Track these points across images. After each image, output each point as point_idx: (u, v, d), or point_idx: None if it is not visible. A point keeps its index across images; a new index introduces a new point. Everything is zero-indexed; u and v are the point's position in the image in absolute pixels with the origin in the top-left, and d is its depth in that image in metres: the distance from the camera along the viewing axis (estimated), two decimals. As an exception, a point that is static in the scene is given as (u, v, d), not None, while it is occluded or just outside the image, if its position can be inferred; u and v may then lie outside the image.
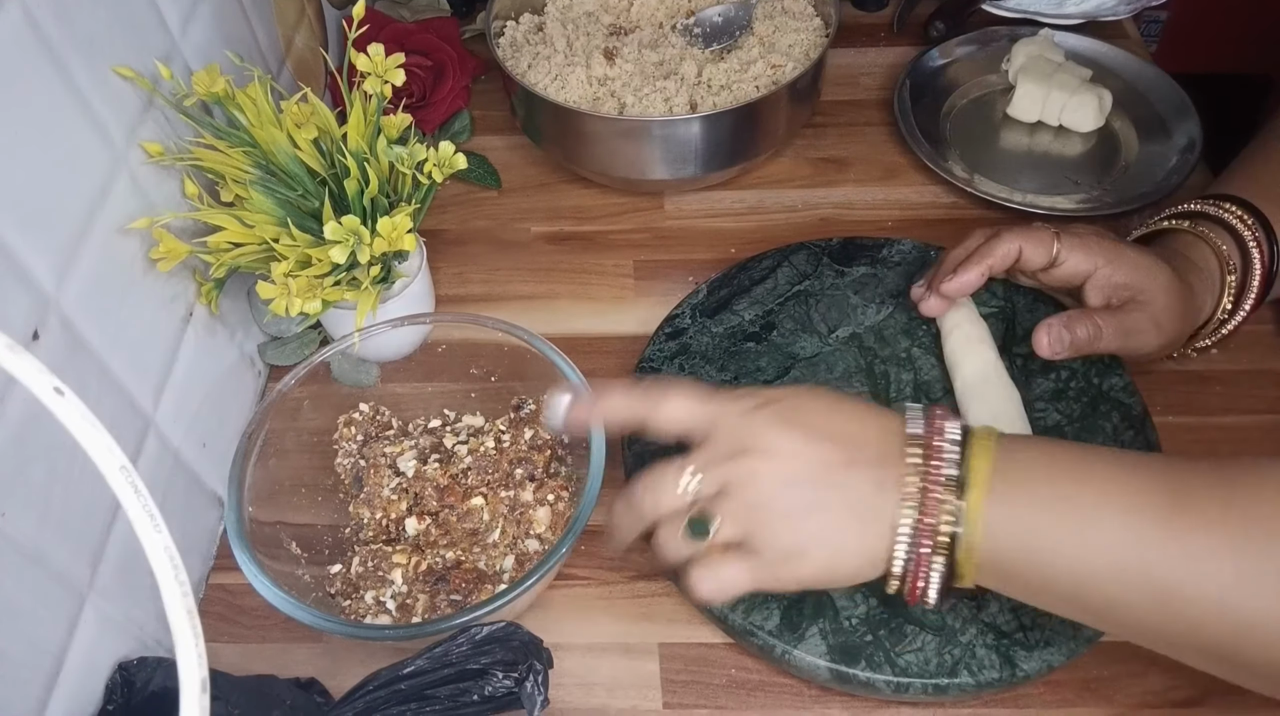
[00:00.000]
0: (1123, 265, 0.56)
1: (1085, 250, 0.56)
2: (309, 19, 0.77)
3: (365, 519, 0.57)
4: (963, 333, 0.60)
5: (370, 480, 0.57)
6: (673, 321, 0.65)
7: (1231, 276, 0.58)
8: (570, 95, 0.73)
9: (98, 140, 0.49)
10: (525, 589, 0.47)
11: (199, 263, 0.58)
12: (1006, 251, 0.57)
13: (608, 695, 0.53)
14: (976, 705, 0.52)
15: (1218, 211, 0.58)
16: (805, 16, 0.79)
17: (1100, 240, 0.57)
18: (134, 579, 0.50)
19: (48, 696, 0.43)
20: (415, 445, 0.58)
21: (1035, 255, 0.57)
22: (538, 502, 0.55)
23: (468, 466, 0.57)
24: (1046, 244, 0.57)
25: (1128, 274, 0.56)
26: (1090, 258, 0.56)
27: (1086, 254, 0.56)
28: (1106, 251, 0.56)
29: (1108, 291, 0.57)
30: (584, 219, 0.77)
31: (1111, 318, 0.56)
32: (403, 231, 0.57)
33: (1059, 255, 0.57)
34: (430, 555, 0.55)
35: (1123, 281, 0.56)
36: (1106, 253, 0.56)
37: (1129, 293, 0.56)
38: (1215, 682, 0.51)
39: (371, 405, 0.61)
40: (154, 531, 0.28)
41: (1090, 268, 0.56)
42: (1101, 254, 0.56)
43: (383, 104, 0.59)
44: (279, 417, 0.56)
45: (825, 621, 0.51)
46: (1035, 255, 0.57)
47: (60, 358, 0.46)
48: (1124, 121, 0.78)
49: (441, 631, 0.46)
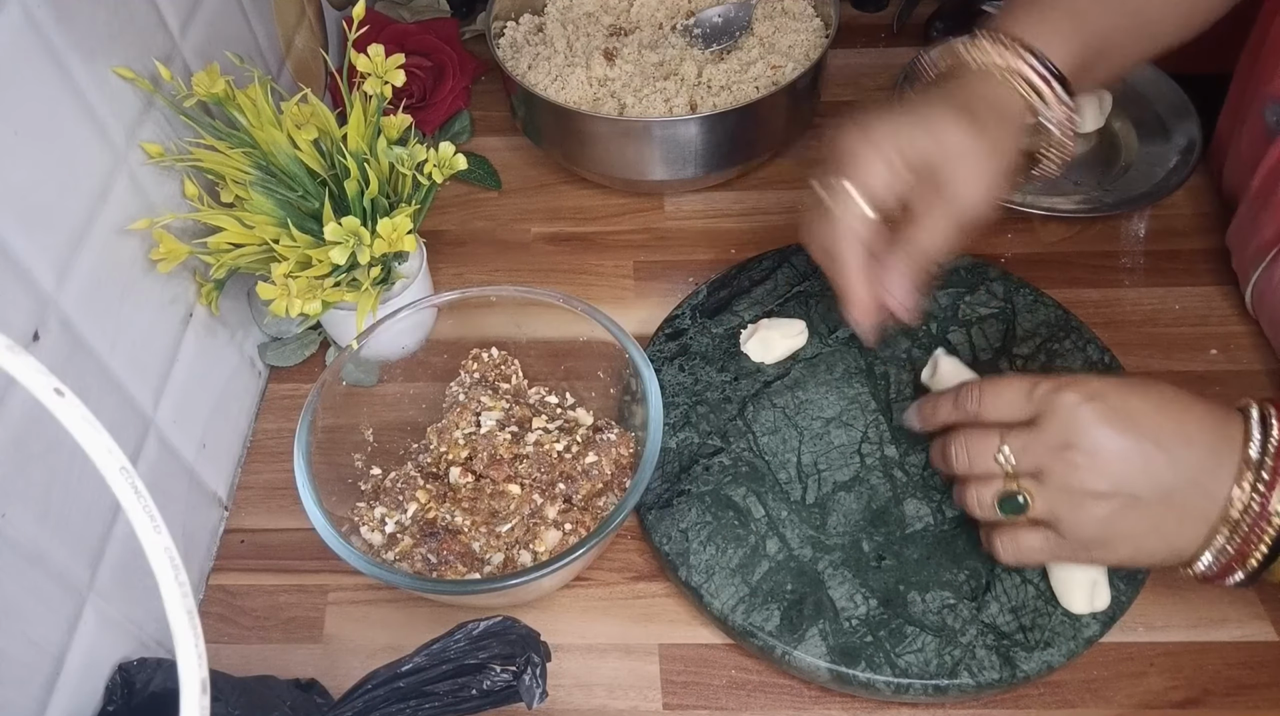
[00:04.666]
0: (920, 146, 0.50)
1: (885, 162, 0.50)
2: (309, 20, 0.78)
3: (431, 444, 0.58)
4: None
5: (453, 416, 0.58)
6: (673, 322, 0.65)
7: (1030, 92, 0.52)
8: (570, 96, 0.73)
9: (98, 141, 0.50)
10: (521, 583, 0.47)
11: (199, 263, 0.58)
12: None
13: (608, 695, 0.53)
14: (976, 706, 0.52)
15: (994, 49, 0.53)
16: (805, 17, 0.79)
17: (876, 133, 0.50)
18: (134, 579, 0.50)
19: (48, 696, 0.43)
20: (508, 409, 0.59)
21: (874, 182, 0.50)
22: (554, 524, 0.55)
23: (528, 454, 0.57)
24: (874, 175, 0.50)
25: (921, 151, 0.50)
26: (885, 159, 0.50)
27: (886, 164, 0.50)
28: (902, 139, 0.50)
29: (903, 173, 0.50)
30: (584, 219, 0.77)
31: (920, 223, 0.50)
32: (403, 232, 0.57)
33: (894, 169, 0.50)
34: (444, 509, 0.55)
35: (912, 154, 0.50)
36: (903, 140, 0.50)
37: (926, 167, 0.50)
38: (1215, 683, 0.52)
39: (504, 353, 0.63)
40: (154, 532, 0.28)
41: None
42: (888, 147, 0.50)
43: (383, 105, 0.59)
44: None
45: (825, 622, 0.51)
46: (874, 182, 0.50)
47: (60, 358, 0.46)
48: (1124, 122, 0.78)
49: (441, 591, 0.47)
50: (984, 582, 0.52)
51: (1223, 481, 0.44)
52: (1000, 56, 0.52)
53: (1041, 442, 0.46)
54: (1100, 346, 0.62)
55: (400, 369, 0.61)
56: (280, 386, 0.68)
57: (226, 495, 0.62)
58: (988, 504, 0.48)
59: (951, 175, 0.49)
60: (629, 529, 0.59)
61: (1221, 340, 0.66)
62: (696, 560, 0.54)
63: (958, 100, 0.51)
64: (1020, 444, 0.46)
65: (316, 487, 0.52)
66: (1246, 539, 0.43)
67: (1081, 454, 0.45)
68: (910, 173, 0.50)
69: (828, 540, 0.54)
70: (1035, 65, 0.52)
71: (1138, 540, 0.46)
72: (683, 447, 0.59)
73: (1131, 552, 0.46)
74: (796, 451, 0.58)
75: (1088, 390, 0.46)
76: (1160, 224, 0.73)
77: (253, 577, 0.59)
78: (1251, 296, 0.65)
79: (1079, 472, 0.45)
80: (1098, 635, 0.50)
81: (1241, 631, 0.53)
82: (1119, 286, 0.69)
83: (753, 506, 0.56)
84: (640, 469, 0.52)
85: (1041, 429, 0.46)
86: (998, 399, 0.48)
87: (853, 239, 0.50)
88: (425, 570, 0.53)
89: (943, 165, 0.49)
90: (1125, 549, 0.46)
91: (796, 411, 0.60)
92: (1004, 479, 0.47)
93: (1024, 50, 0.52)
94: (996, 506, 0.48)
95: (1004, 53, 0.52)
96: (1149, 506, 0.45)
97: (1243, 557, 0.44)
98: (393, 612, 0.57)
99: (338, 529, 0.51)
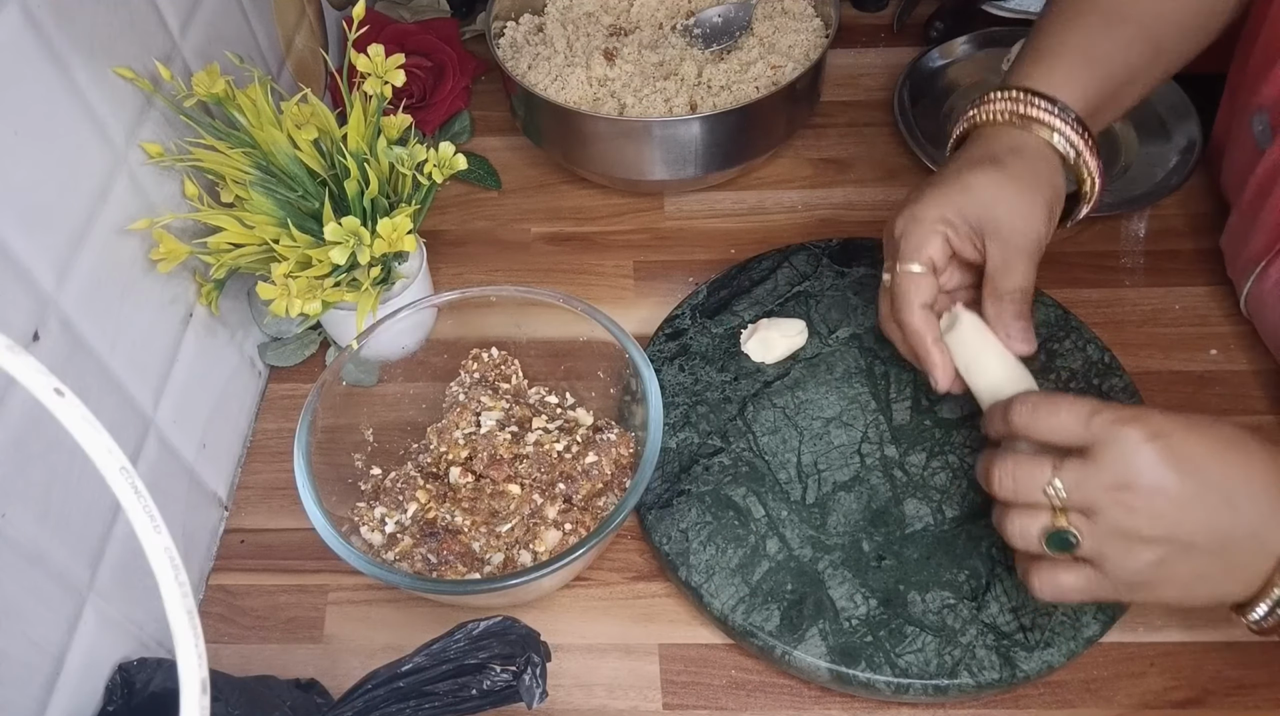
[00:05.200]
0: (961, 207, 0.53)
1: (947, 225, 0.53)
2: (309, 20, 0.78)
3: (431, 444, 0.58)
4: (970, 350, 0.56)
5: (453, 416, 0.58)
6: (673, 322, 0.65)
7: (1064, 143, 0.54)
8: (570, 96, 0.73)
9: (98, 140, 0.50)
10: (518, 584, 0.47)
11: (199, 263, 0.58)
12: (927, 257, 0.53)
13: (608, 695, 0.53)
14: (976, 706, 0.52)
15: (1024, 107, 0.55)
16: (805, 17, 0.79)
17: (930, 203, 0.53)
18: (134, 579, 0.50)
19: (48, 696, 0.43)
20: (508, 409, 0.59)
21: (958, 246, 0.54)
22: (554, 524, 0.55)
23: (528, 454, 0.57)
24: (939, 242, 0.53)
25: (965, 211, 0.53)
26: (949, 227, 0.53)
27: (951, 228, 0.53)
28: (946, 207, 0.53)
29: (965, 234, 0.53)
30: (584, 219, 0.77)
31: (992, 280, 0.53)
32: (403, 232, 0.57)
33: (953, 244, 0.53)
34: (444, 509, 0.55)
35: (970, 218, 0.53)
36: (947, 208, 0.53)
37: (977, 222, 0.53)
38: (1215, 683, 0.52)
39: (504, 353, 0.63)
40: (154, 532, 0.28)
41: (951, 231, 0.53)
42: (948, 209, 0.53)
43: (383, 105, 0.59)
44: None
45: (825, 622, 0.51)
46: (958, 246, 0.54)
47: (60, 358, 0.46)
48: (1124, 121, 0.78)
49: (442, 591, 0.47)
50: (984, 582, 0.52)
51: (1278, 532, 0.42)
52: (1006, 104, 0.55)
53: (1097, 479, 0.43)
54: (1100, 346, 0.62)
55: (400, 369, 0.61)
56: (280, 386, 0.68)
57: (226, 495, 0.62)
58: (1033, 537, 0.45)
59: (999, 221, 0.52)
60: (629, 529, 0.59)
61: (1221, 340, 0.66)
62: (696, 560, 0.54)
63: (976, 155, 0.55)
64: (1074, 479, 0.43)
65: (316, 487, 0.52)
66: None
67: (1140, 497, 0.42)
68: (964, 237, 0.53)
69: (828, 540, 0.54)
70: (1043, 106, 0.54)
71: (1183, 587, 0.44)
72: (683, 447, 0.59)
73: (1175, 597, 0.45)
74: (796, 451, 0.58)
75: (1151, 428, 0.42)
76: (1160, 224, 0.73)
77: (253, 577, 0.59)
78: (1246, 303, 0.65)
79: (1134, 516, 0.42)
80: (1098, 635, 0.50)
81: (1242, 631, 0.53)
82: (1119, 286, 0.69)
83: (753, 506, 0.56)
84: (640, 469, 0.52)
85: (1098, 464, 0.43)
86: (1052, 419, 0.45)
87: (926, 314, 0.53)
88: (425, 570, 0.53)
89: (989, 216, 0.52)
90: (1169, 593, 0.44)
91: (796, 411, 0.60)
92: (1051, 512, 0.44)
93: (1030, 94, 0.54)
94: (1043, 542, 0.44)
95: (1010, 103, 0.55)
96: (1202, 555, 0.42)
97: None
98: (393, 612, 0.57)
99: (338, 529, 0.51)
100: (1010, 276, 0.52)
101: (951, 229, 0.53)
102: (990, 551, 0.53)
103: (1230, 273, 0.67)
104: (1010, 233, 0.52)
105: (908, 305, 0.53)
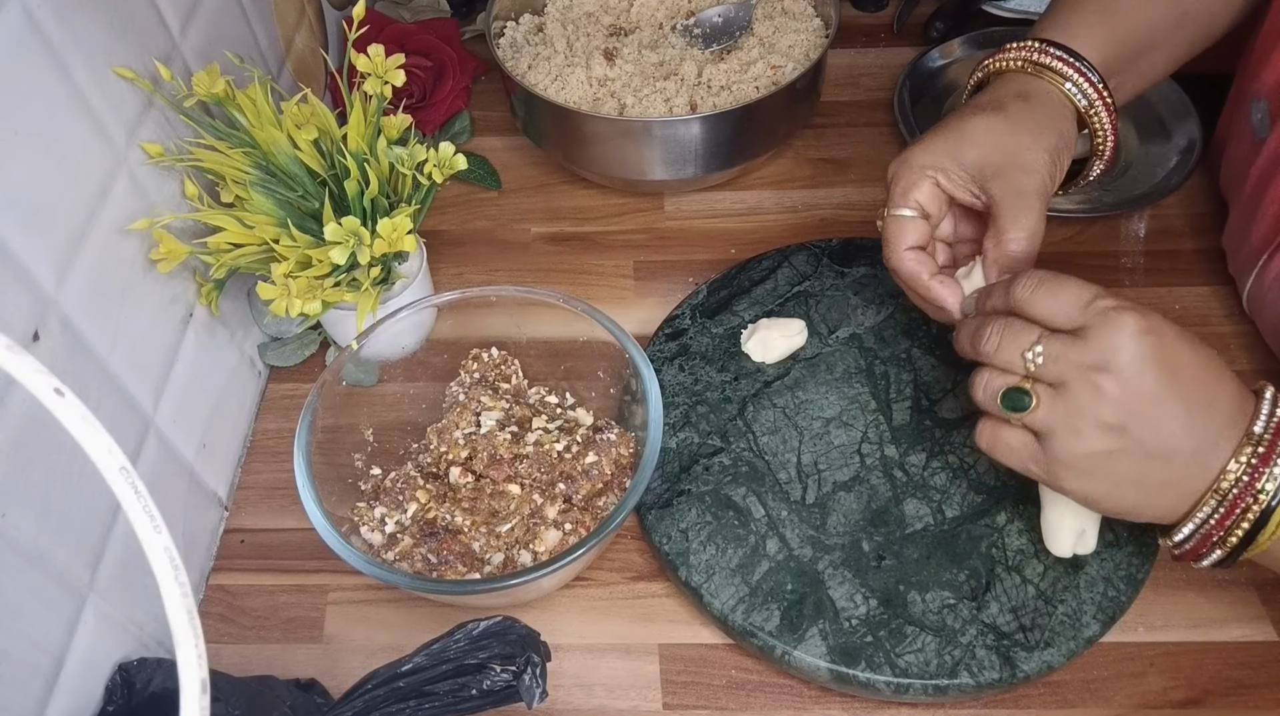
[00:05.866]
0: (956, 152, 0.53)
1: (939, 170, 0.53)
2: (309, 20, 0.78)
3: (431, 444, 0.58)
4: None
5: (453, 416, 0.58)
6: (673, 322, 0.65)
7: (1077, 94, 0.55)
8: (570, 96, 0.73)
9: (98, 140, 0.50)
10: (516, 584, 0.47)
11: (199, 263, 0.58)
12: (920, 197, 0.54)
13: (608, 695, 0.53)
14: (976, 706, 0.52)
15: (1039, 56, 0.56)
16: (805, 17, 0.79)
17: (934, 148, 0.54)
18: (134, 579, 0.50)
19: (48, 696, 0.43)
20: (508, 409, 0.59)
21: (950, 189, 0.54)
22: (554, 524, 0.55)
23: (528, 454, 0.57)
24: (931, 187, 0.54)
25: (960, 156, 0.53)
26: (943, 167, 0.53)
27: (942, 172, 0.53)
28: (938, 152, 0.53)
29: (960, 180, 0.53)
30: (584, 219, 0.77)
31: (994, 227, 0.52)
32: (403, 232, 0.57)
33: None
34: (444, 509, 0.55)
35: (968, 165, 0.53)
36: (940, 153, 0.53)
37: (974, 167, 0.53)
38: (1215, 683, 0.52)
39: (504, 353, 0.63)
40: (154, 532, 0.28)
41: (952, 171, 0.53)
42: (944, 156, 0.53)
43: (383, 105, 0.59)
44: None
45: (825, 622, 0.51)
46: (950, 189, 0.54)
47: (60, 358, 0.46)
48: (1124, 121, 0.78)
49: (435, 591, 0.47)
50: (984, 582, 0.52)
51: (1221, 456, 0.43)
52: (1020, 53, 0.55)
53: (1078, 357, 0.43)
54: (1100, 346, 0.62)
55: (400, 369, 0.61)
56: (280, 386, 0.68)
57: (226, 495, 0.62)
58: (992, 392, 0.45)
59: (997, 165, 0.52)
60: (629, 529, 0.59)
61: (1221, 340, 0.66)
62: (696, 560, 0.54)
63: (982, 101, 0.55)
64: (1056, 351, 0.43)
65: (316, 487, 0.52)
66: (1229, 512, 0.43)
67: (1113, 383, 0.42)
68: (958, 182, 0.53)
69: (828, 540, 0.54)
70: (1056, 53, 0.54)
71: (1115, 485, 0.44)
72: (683, 447, 0.59)
73: (1102, 495, 0.45)
74: (796, 451, 0.58)
75: (1149, 323, 0.43)
76: (1160, 224, 0.73)
77: (253, 577, 0.59)
78: (1247, 299, 0.65)
79: (1099, 399, 0.42)
80: (1098, 635, 0.50)
81: (1241, 631, 0.54)
82: (1119, 286, 0.69)
83: (753, 506, 0.56)
84: (640, 469, 0.52)
85: (1085, 343, 0.43)
86: (1052, 297, 0.45)
87: (917, 255, 0.54)
88: (425, 570, 0.53)
89: (987, 161, 0.52)
90: (1098, 489, 0.45)
91: (796, 411, 0.60)
92: (1022, 378, 0.45)
93: (1045, 44, 0.54)
94: (999, 398, 0.45)
95: (1024, 51, 0.55)
96: (1146, 459, 0.43)
97: (1223, 533, 0.43)
98: (393, 612, 0.57)
99: (338, 529, 0.51)
100: (1009, 221, 0.51)
101: (943, 174, 0.53)
102: (990, 551, 0.53)
103: (1231, 269, 0.67)
104: (1008, 177, 0.51)
105: (894, 249, 0.54)
